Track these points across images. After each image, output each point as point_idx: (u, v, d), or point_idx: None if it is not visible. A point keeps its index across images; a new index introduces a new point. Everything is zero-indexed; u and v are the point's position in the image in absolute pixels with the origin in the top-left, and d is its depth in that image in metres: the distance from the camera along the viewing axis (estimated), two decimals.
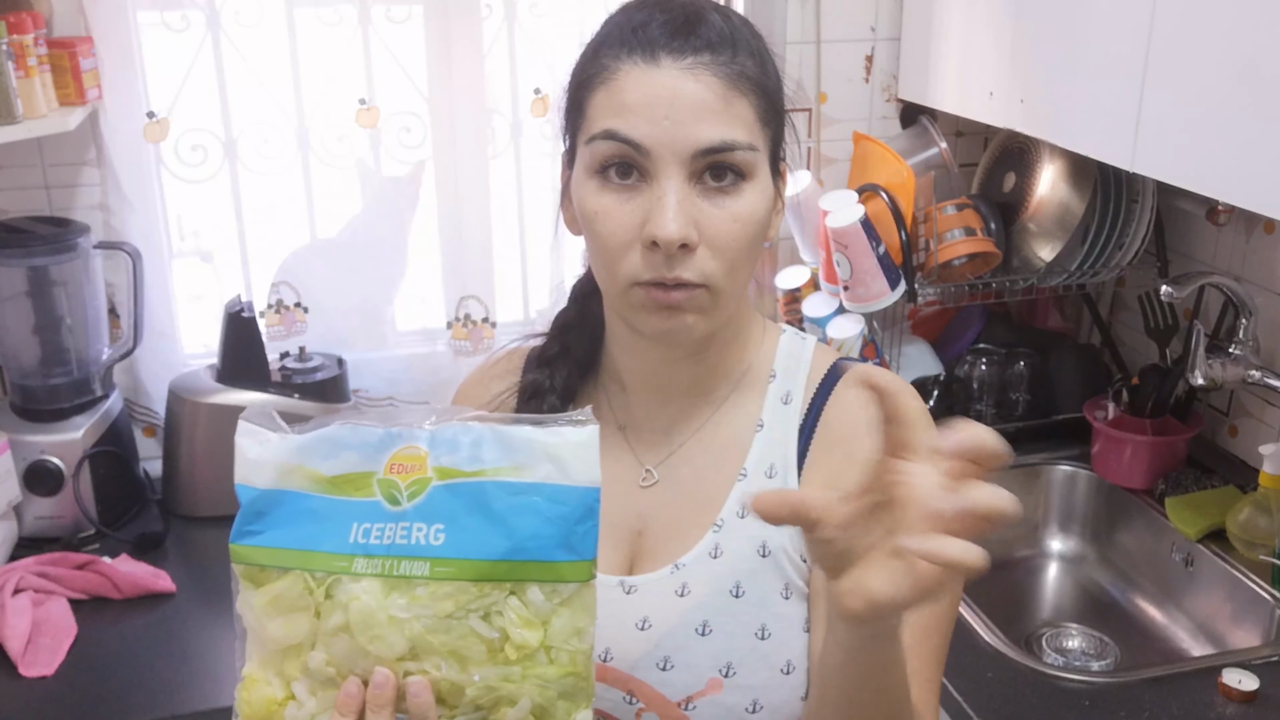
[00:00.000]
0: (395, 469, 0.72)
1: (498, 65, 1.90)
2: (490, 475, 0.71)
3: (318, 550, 0.72)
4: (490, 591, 0.70)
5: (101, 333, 1.81)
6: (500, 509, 0.70)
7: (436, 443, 0.73)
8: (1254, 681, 1.32)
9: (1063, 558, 1.90)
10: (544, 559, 0.70)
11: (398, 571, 0.70)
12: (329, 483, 0.73)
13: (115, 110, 1.75)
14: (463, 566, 0.70)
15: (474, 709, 0.71)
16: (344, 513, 0.72)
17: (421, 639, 0.70)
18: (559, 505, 0.71)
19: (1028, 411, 2.01)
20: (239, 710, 0.73)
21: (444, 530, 0.70)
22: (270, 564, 0.72)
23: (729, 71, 0.85)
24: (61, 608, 1.52)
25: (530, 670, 0.70)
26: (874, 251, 1.75)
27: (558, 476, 0.71)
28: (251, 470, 0.74)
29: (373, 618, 0.70)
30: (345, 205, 1.94)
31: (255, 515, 0.73)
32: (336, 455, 0.73)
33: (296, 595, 0.72)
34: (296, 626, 0.72)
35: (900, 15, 1.98)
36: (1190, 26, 1.29)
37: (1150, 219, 1.81)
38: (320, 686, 0.72)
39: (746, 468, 0.95)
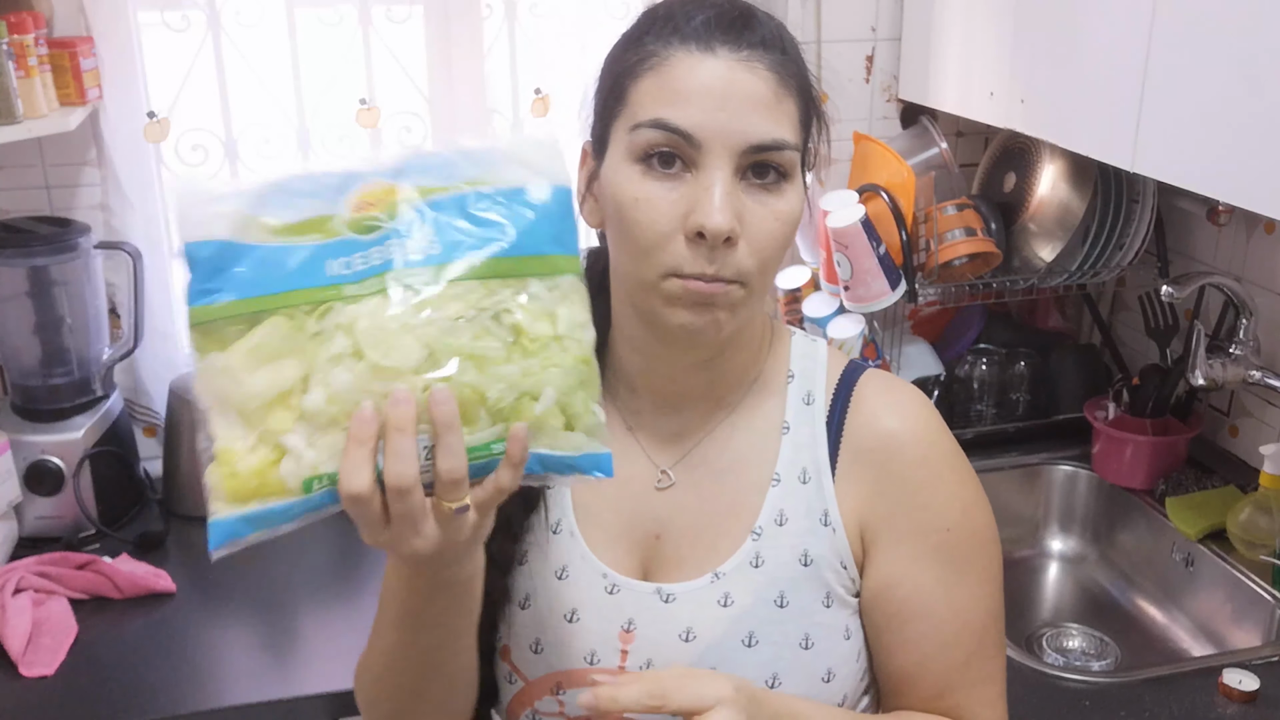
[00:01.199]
0: (360, 206, 0.70)
1: (498, 65, 1.90)
2: (468, 186, 0.71)
3: (295, 289, 0.68)
4: (496, 289, 0.69)
5: (102, 333, 1.81)
6: (485, 212, 0.71)
7: (402, 173, 0.72)
8: (1254, 682, 1.32)
9: (1063, 558, 1.90)
10: (540, 253, 0.71)
11: (401, 283, 0.68)
12: (290, 230, 0.70)
13: (116, 110, 1.75)
14: (464, 267, 0.69)
15: (493, 419, 0.69)
16: (315, 254, 0.69)
17: (439, 342, 0.68)
18: (539, 202, 0.72)
19: (1028, 411, 2.01)
20: (220, 487, 0.68)
21: (436, 240, 0.69)
22: (244, 313, 0.67)
23: (781, 69, 0.85)
24: (62, 607, 1.52)
25: (549, 360, 0.70)
26: (874, 251, 1.75)
27: (530, 177, 0.72)
28: (201, 225, 0.69)
29: (384, 329, 0.67)
30: None
31: (212, 271, 0.68)
32: (293, 204, 0.70)
33: (282, 337, 0.67)
34: (284, 372, 0.67)
35: (901, 15, 1.98)
36: (1191, 27, 1.29)
37: (1151, 219, 1.81)
38: (320, 431, 0.67)
39: (779, 473, 0.94)
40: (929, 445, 0.95)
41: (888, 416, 0.95)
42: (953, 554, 0.93)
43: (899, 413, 0.95)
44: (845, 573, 0.93)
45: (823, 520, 0.93)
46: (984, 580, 0.95)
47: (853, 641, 0.93)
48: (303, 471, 0.67)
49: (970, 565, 0.94)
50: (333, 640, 1.51)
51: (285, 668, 1.46)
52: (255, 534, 0.68)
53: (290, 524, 0.68)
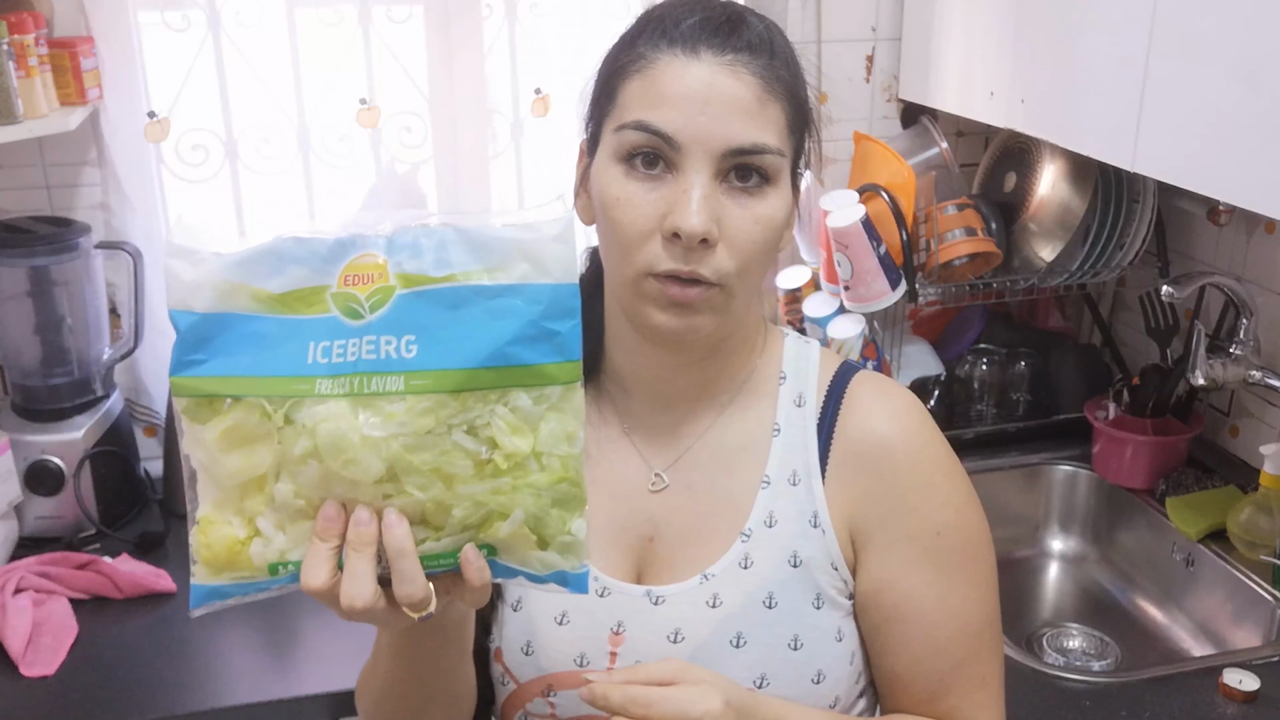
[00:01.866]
0: (351, 280, 0.66)
1: (498, 65, 1.90)
2: (462, 279, 0.65)
3: (272, 375, 0.65)
4: (473, 403, 0.65)
5: (102, 332, 1.81)
6: (476, 314, 0.65)
7: (395, 248, 0.67)
8: (1255, 682, 1.32)
9: (1063, 558, 1.90)
10: (530, 363, 0.65)
11: (368, 389, 0.64)
12: (277, 301, 0.67)
13: (116, 110, 1.75)
14: (440, 378, 0.64)
15: (462, 529, 0.66)
16: (298, 332, 0.66)
17: (401, 459, 0.65)
18: (538, 305, 0.66)
19: (1028, 411, 2.01)
20: (197, 556, 0.68)
21: (415, 341, 0.65)
22: (220, 393, 0.66)
23: (767, 73, 0.84)
24: (62, 607, 1.52)
25: (521, 479, 0.66)
26: (875, 251, 1.75)
27: (535, 275, 0.66)
28: (188, 293, 0.67)
29: (344, 440, 0.64)
30: (346, 205, 1.94)
31: (197, 343, 0.67)
32: (282, 271, 0.67)
33: (254, 424, 0.66)
34: (256, 458, 0.67)
35: (901, 15, 1.98)
36: (1191, 26, 1.29)
37: (1151, 219, 1.81)
38: (289, 519, 0.67)
39: (769, 475, 0.94)
40: (920, 448, 0.95)
41: (879, 419, 0.95)
42: (944, 557, 0.93)
43: (890, 415, 0.95)
44: (837, 574, 0.93)
45: (812, 522, 0.93)
46: (977, 583, 0.95)
47: (845, 643, 0.93)
48: (270, 555, 0.67)
49: (962, 568, 0.94)
50: (333, 640, 1.51)
51: (285, 668, 1.46)
52: (232, 599, 0.69)
53: (263, 594, 0.69)
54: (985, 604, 0.95)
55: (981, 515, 0.97)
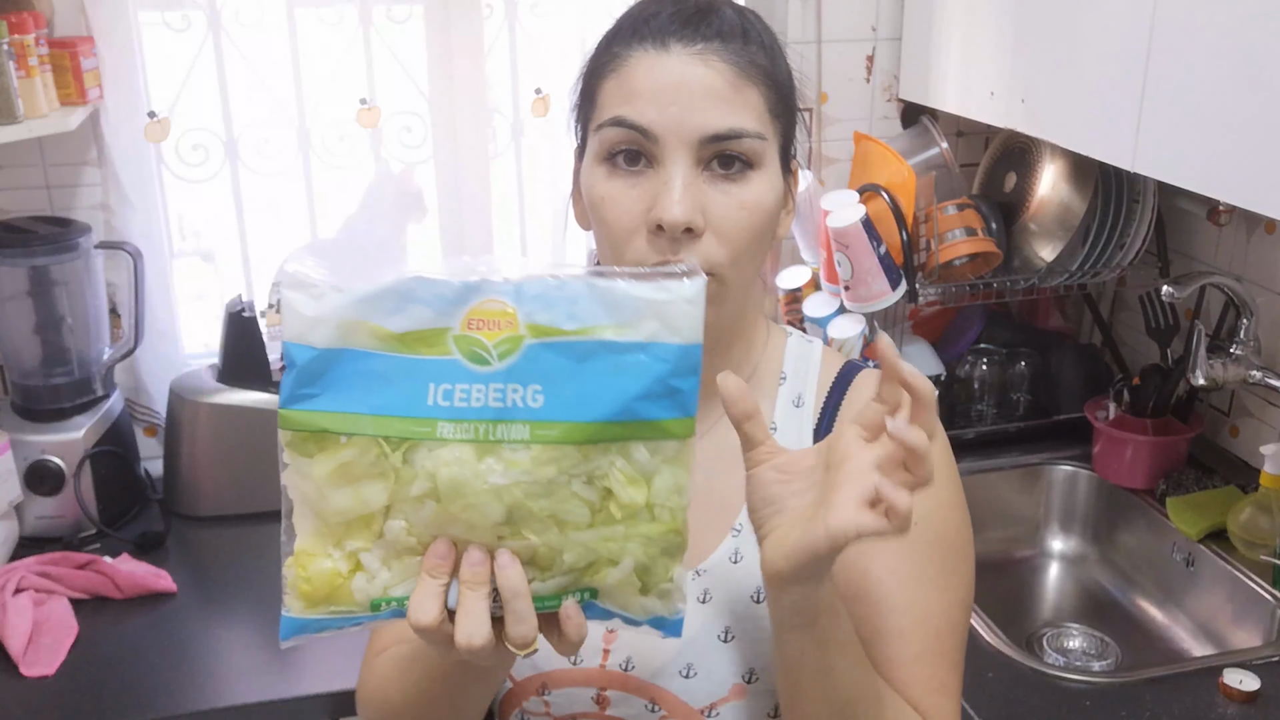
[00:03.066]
0: (476, 325, 0.66)
1: (498, 65, 1.90)
2: (592, 334, 0.66)
3: (390, 414, 0.65)
4: (594, 455, 0.66)
5: (102, 332, 1.81)
6: (604, 369, 0.66)
7: (524, 298, 0.66)
8: (1255, 682, 1.32)
9: (1064, 558, 1.90)
10: (652, 418, 0.66)
11: (494, 436, 0.65)
12: (397, 340, 0.66)
13: (116, 110, 1.75)
14: (567, 429, 0.65)
15: (568, 572, 0.67)
16: (417, 372, 0.66)
17: (521, 506, 0.65)
18: (664, 363, 0.66)
19: (1029, 411, 2.01)
20: (294, 588, 0.68)
21: (542, 392, 0.65)
22: (334, 429, 0.66)
23: (740, 59, 0.85)
24: (62, 607, 1.52)
25: (634, 529, 0.67)
26: (875, 251, 1.75)
27: (665, 335, 0.67)
28: (307, 327, 0.67)
29: (467, 486, 0.65)
30: (346, 205, 1.94)
31: (312, 377, 0.66)
32: (404, 310, 0.66)
33: (368, 463, 0.66)
34: (368, 495, 0.66)
35: (901, 15, 1.98)
36: (1191, 26, 1.29)
37: (1151, 219, 1.81)
38: (397, 556, 0.67)
39: None
40: None
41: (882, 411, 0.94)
42: (916, 549, 0.90)
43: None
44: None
45: None
46: (945, 587, 0.92)
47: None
48: (373, 591, 0.67)
49: (932, 563, 0.91)
50: (333, 640, 1.50)
51: (285, 668, 1.46)
52: (325, 633, 0.70)
53: (357, 628, 0.70)
54: (951, 609, 0.92)
55: (966, 523, 0.95)
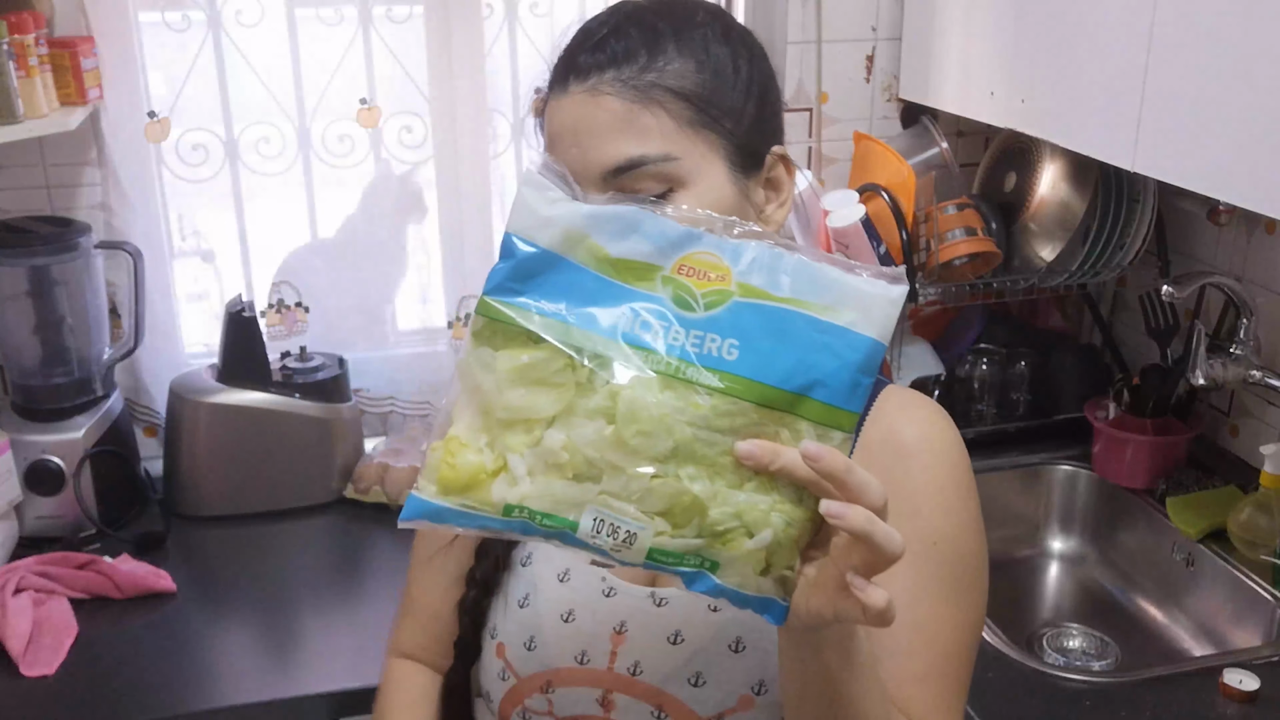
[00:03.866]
0: (686, 271, 0.69)
1: (499, 65, 1.90)
2: (797, 305, 0.68)
3: (588, 329, 0.68)
4: (766, 420, 0.67)
5: (102, 332, 1.81)
6: (800, 341, 0.67)
7: (740, 258, 0.69)
8: (1255, 682, 1.32)
9: (1064, 557, 1.90)
10: (827, 401, 0.67)
11: (684, 374, 0.67)
12: (612, 264, 0.69)
13: (116, 110, 1.75)
14: (751, 387, 0.67)
15: (701, 533, 0.67)
16: (623, 298, 0.68)
17: (688, 445, 0.66)
18: (854, 352, 0.68)
19: (1029, 411, 2.01)
20: (434, 470, 0.68)
21: (738, 346, 0.67)
22: (529, 326, 0.68)
23: (635, 83, 0.83)
24: (62, 607, 1.52)
25: (781, 505, 0.67)
26: (875, 251, 1.75)
27: (862, 325, 0.68)
28: (536, 226, 0.69)
29: (645, 412, 0.66)
30: (346, 205, 1.94)
31: (525, 274, 0.69)
32: (627, 237, 0.69)
33: (554, 370, 0.68)
34: (542, 400, 0.68)
35: (901, 15, 1.98)
36: (1191, 26, 1.29)
37: (1151, 219, 1.81)
38: (544, 469, 0.67)
39: None
40: (937, 455, 0.93)
41: (904, 423, 0.93)
42: (931, 568, 0.89)
43: (916, 420, 0.94)
44: None
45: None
46: (960, 606, 0.90)
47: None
48: (510, 497, 0.67)
49: (947, 584, 0.90)
50: (333, 640, 1.51)
51: (285, 668, 1.46)
52: (445, 525, 0.69)
53: (478, 531, 0.69)
54: (960, 631, 0.90)
55: (983, 547, 0.94)
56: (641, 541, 0.67)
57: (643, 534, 0.67)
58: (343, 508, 1.85)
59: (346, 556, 1.73)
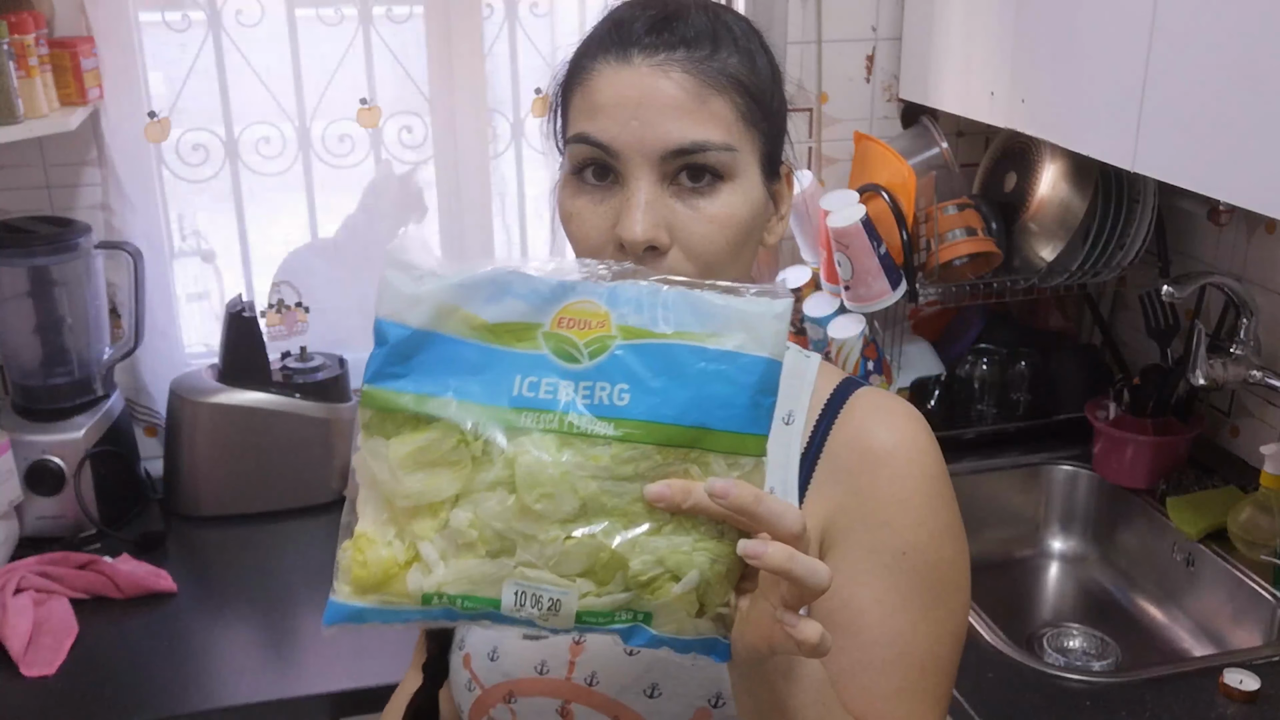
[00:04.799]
0: (566, 323, 0.67)
1: (499, 65, 1.90)
2: (682, 338, 0.67)
3: (476, 401, 0.66)
4: (672, 460, 0.65)
5: (103, 332, 1.81)
6: (690, 374, 0.66)
7: (618, 300, 0.67)
8: (1255, 682, 1.32)
9: (1064, 557, 1.90)
10: (731, 429, 0.66)
11: (577, 429, 0.65)
12: (490, 330, 0.67)
13: (116, 110, 1.75)
14: (649, 429, 0.65)
15: (627, 587, 0.66)
16: (505, 363, 0.67)
17: (595, 500, 0.65)
18: (749, 375, 0.66)
19: (1029, 411, 2.01)
20: (348, 571, 0.67)
21: (629, 391, 0.66)
22: (417, 410, 0.66)
23: (706, 68, 0.82)
24: (63, 607, 1.52)
25: (702, 543, 0.66)
26: (875, 251, 1.75)
27: (752, 346, 0.67)
28: (405, 306, 0.67)
29: (544, 475, 0.64)
30: (346, 205, 1.94)
31: (402, 356, 0.67)
32: (500, 301, 0.67)
33: (448, 448, 0.66)
34: (441, 481, 0.66)
35: (901, 15, 1.98)
36: (1191, 27, 1.29)
37: (1151, 219, 1.81)
38: (456, 551, 0.66)
39: None
40: (907, 463, 0.89)
41: (874, 431, 0.91)
42: (902, 579, 0.86)
43: (887, 427, 0.91)
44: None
45: None
46: (936, 618, 0.87)
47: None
48: (426, 585, 0.66)
49: (920, 595, 0.87)
50: (333, 640, 1.50)
51: (285, 668, 1.46)
52: (369, 624, 0.68)
53: (402, 625, 0.68)
54: (937, 644, 0.87)
55: (961, 555, 0.91)
56: (567, 606, 0.65)
57: (566, 599, 0.65)
58: (342, 508, 1.85)
59: None
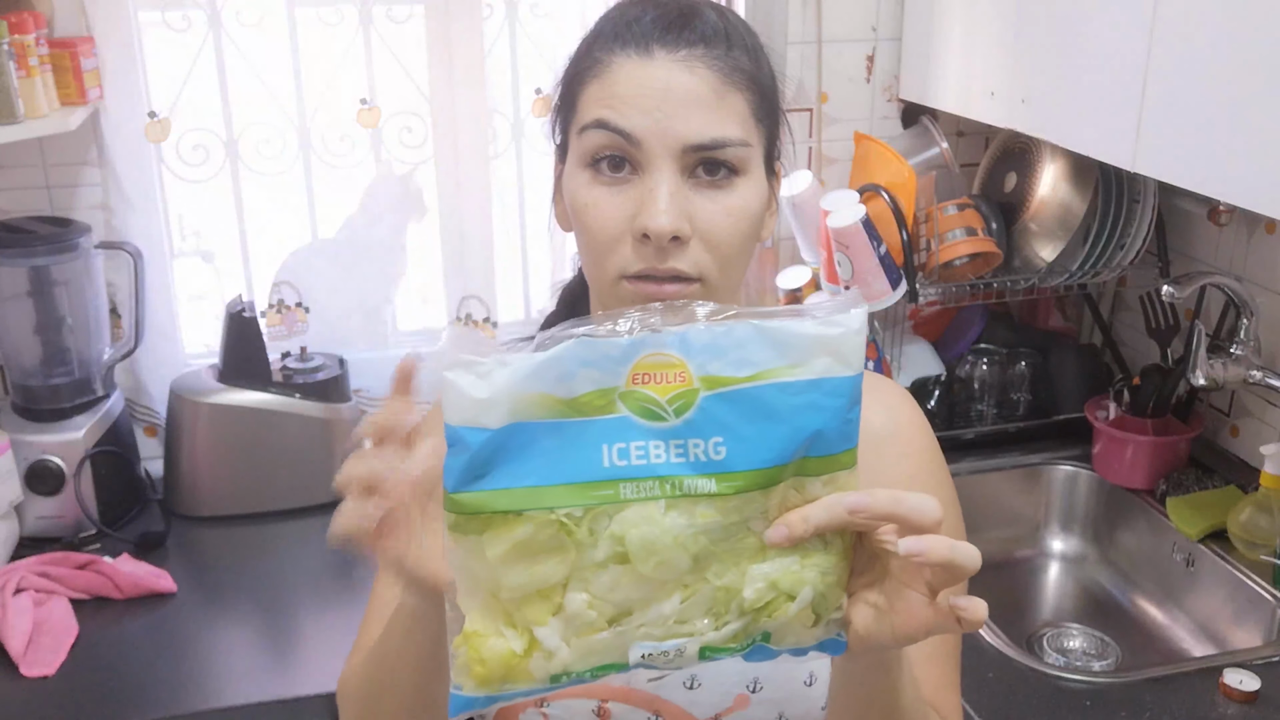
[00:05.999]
0: (642, 379, 0.64)
1: (499, 65, 1.90)
2: (767, 378, 0.65)
3: (570, 482, 0.64)
4: (773, 495, 0.65)
5: (103, 333, 1.81)
6: (782, 411, 0.65)
7: (691, 348, 0.65)
8: (1255, 682, 1.32)
9: (1064, 558, 1.90)
10: (825, 454, 0.66)
11: (680, 490, 0.64)
12: (570, 405, 0.64)
13: (116, 110, 1.75)
14: (750, 477, 0.64)
15: (743, 613, 0.66)
16: (588, 435, 0.64)
17: (706, 552, 0.64)
18: (839, 398, 0.66)
19: (1029, 411, 2.01)
20: (467, 669, 0.65)
21: (724, 444, 0.64)
22: (511, 508, 0.63)
23: (723, 65, 0.84)
24: (63, 607, 1.52)
25: (808, 559, 0.66)
26: (875, 251, 1.75)
27: (837, 369, 0.66)
28: (479, 410, 0.63)
29: (658, 543, 0.63)
30: (346, 205, 1.94)
31: (484, 460, 0.64)
32: (574, 375, 0.64)
33: (548, 537, 0.64)
34: (547, 569, 0.64)
35: (901, 15, 1.98)
36: (1191, 27, 1.29)
37: (1151, 219, 1.81)
38: (576, 633, 0.65)
39: None
40: (907, 441, 0.94)
41: (872, 412, 0.92)
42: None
43: (884, 408, 0.95)
44: None
45: None
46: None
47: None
48: (552, 669, 0.65)
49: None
50: (333, 640, 1.51)
51: (285, 668, 1.46)
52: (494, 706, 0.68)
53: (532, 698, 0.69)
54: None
55: (962, 523, 0.95)
56: (690, 649, 0.65)
57: (689, 643, 0.65)
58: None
59: (346, 557, 1.73)
